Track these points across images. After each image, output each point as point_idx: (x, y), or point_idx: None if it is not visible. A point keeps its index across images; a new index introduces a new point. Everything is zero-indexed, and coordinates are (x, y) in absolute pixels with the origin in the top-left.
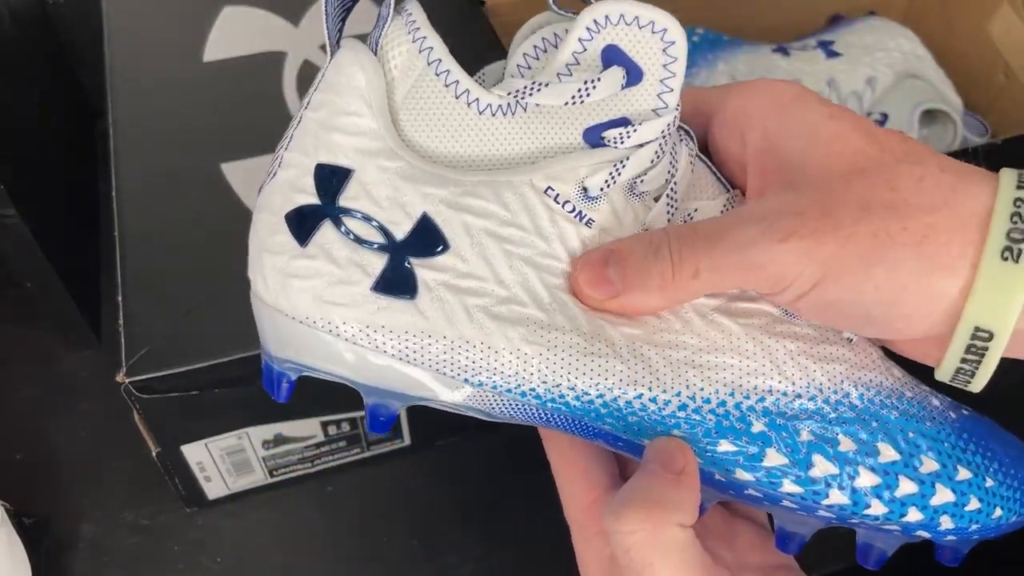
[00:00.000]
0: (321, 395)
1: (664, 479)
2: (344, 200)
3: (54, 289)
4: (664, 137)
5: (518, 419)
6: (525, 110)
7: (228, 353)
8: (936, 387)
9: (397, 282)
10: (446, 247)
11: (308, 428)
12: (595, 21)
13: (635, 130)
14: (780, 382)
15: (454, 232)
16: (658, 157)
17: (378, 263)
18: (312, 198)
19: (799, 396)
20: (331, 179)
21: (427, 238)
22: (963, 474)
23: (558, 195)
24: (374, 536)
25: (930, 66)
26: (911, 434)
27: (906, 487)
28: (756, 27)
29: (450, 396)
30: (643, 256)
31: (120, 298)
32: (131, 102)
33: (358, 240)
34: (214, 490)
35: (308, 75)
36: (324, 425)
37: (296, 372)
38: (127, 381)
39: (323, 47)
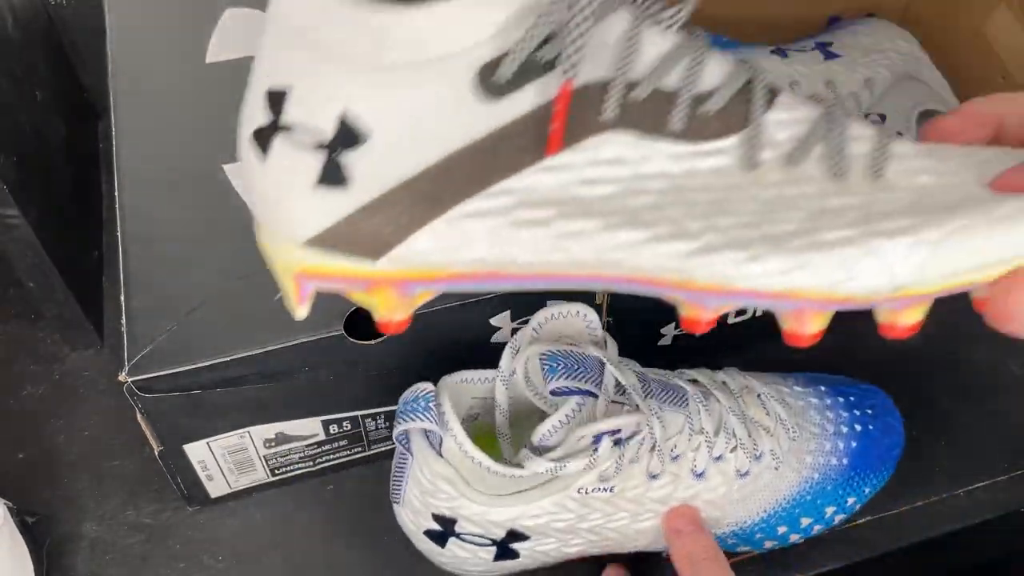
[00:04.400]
0: (322, 394)
1: None
2: None
3: (56, 288)
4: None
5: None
6: None
7: (230, 352)
8: None
9: None
10: None
11: (309, 427)
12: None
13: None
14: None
15: None
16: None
17: None
18: None
19: None
20: None
21: None
22: (851, 500)
23: None
24: (376, 534)
25: (928, 67)
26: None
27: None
28: (755, 27)
29: None
30: None
31: (122, 297)
32: (133, 102)
33: None
34: (216, 489)
35: None
36: (325, 424)
37: None
38: (129, 380)
39: None
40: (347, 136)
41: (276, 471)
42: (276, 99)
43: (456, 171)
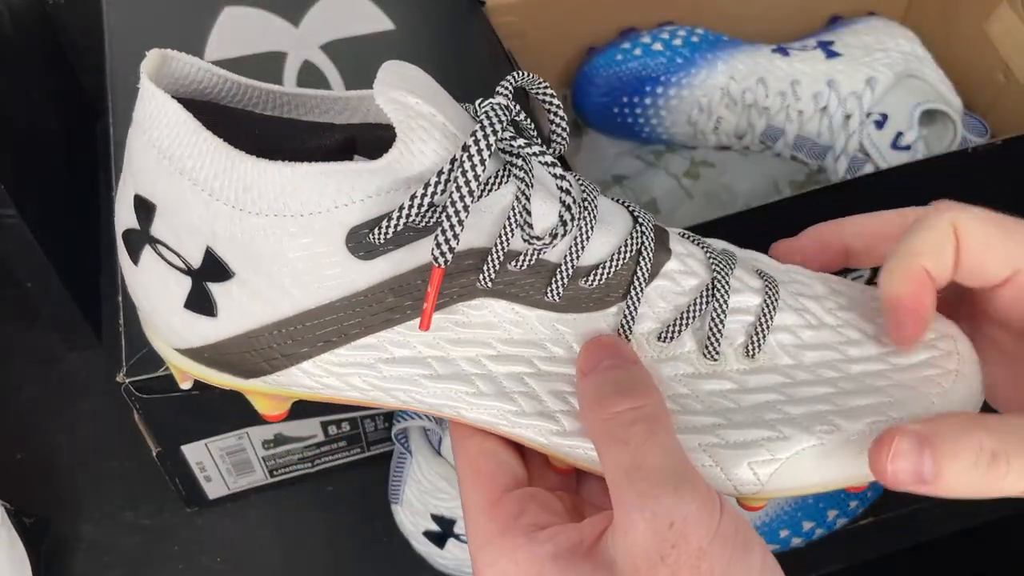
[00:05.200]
0: None
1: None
2: None
3: (54, 289)
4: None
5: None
6: None
7: None
8: None
9: None
10: None
11: (308, 428)
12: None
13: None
14: None
15: None
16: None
17: None
18: None
19: None
20: None
21: None
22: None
23: None
24: (374, 536)
25: (930, 66)
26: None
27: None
28: (756, 27)
29: None
30: (973, 463)
31: (120, 298)
32: (131, 102)
33: None
34: (214, 490)
35: (308, 75)
36: (324, 425)
37: None
38: (127, 381)
39: (323, 48)
40: (213, 270)
41: (275, 472)
42: (144, 208)
43: (325, 321)
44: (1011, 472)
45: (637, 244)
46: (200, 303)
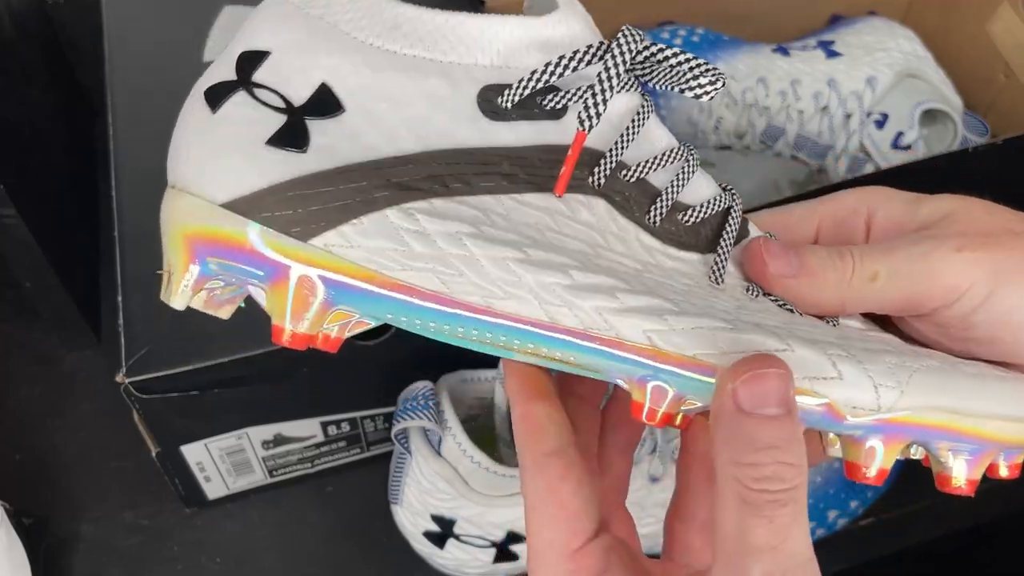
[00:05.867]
0: (321, 395)
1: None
2: None
3: (53, 289)
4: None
5: None
6: None
7: (228, 353)
8: None
9: None
10: None
11: (308, 428)
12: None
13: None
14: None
15: None
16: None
17: None
18: None
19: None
20: None
21: None
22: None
23: None
24: (374, 536)
25: (930, 66)
26: None
27: None
28: (756, 27)
29: None
30: (826, 253)
31: (120, 298)
32: (131, 102)
33: None
34: (214, 490)
35: None
36: (324, 425)
37: None
38: (127, 381)
39: None
40: (322, 103)
41: (274, 472)
42: (249, 59)
43: (432, 170)
44: (857, 262)
45: (727, 202)
46: (289, 137)
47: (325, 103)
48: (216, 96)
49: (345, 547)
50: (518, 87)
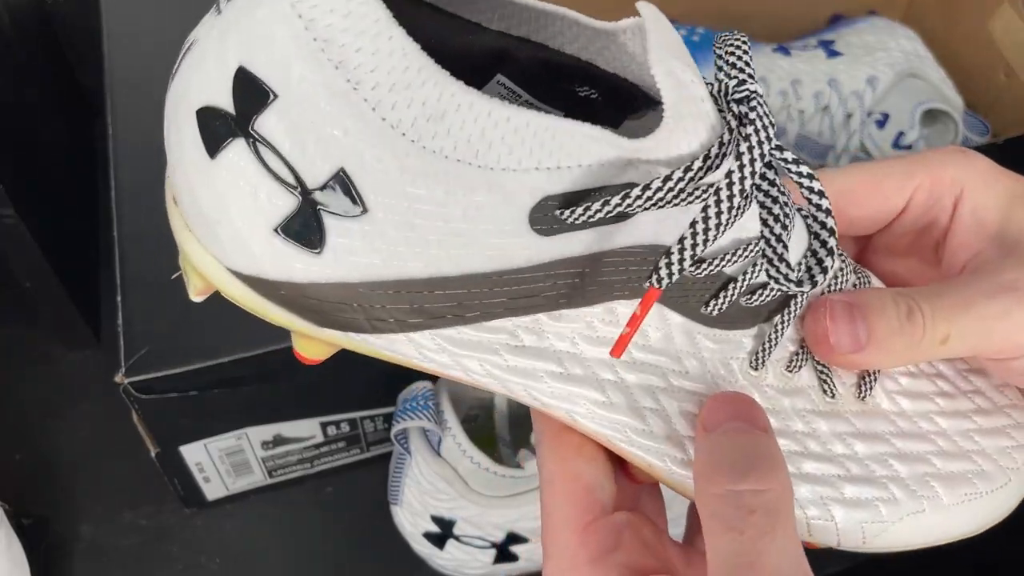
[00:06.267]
0: (321, 396)
1: (758, 436)
2: None
3: (53, 289)
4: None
5: None
6: None
7: (227, 353)
8: None
9: None
10: None
11: (307, 429)
12: None
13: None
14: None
15: None
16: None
17: None
18: None
19: None
20: None
21: None
22: None
23: None
24: (373, 537)
25: (931, 65)
26: None
27: None
28: (756, 27)
29: None
30: (895, 314)
31: (119, 298)
32: (130, 102)
33: None
34: (213, 491)
35: None
36: (323, 426)
37: None
38: (126, 381)
39: None
40: (339, 198)
41: (273, 473)
42: (252, 90)
43: (464, 292)
44: (928, 325)
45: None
46: (302, 232)
47: (344, 197)
48: (210, 131)
49: (345, 547)
50: (593, 198)
